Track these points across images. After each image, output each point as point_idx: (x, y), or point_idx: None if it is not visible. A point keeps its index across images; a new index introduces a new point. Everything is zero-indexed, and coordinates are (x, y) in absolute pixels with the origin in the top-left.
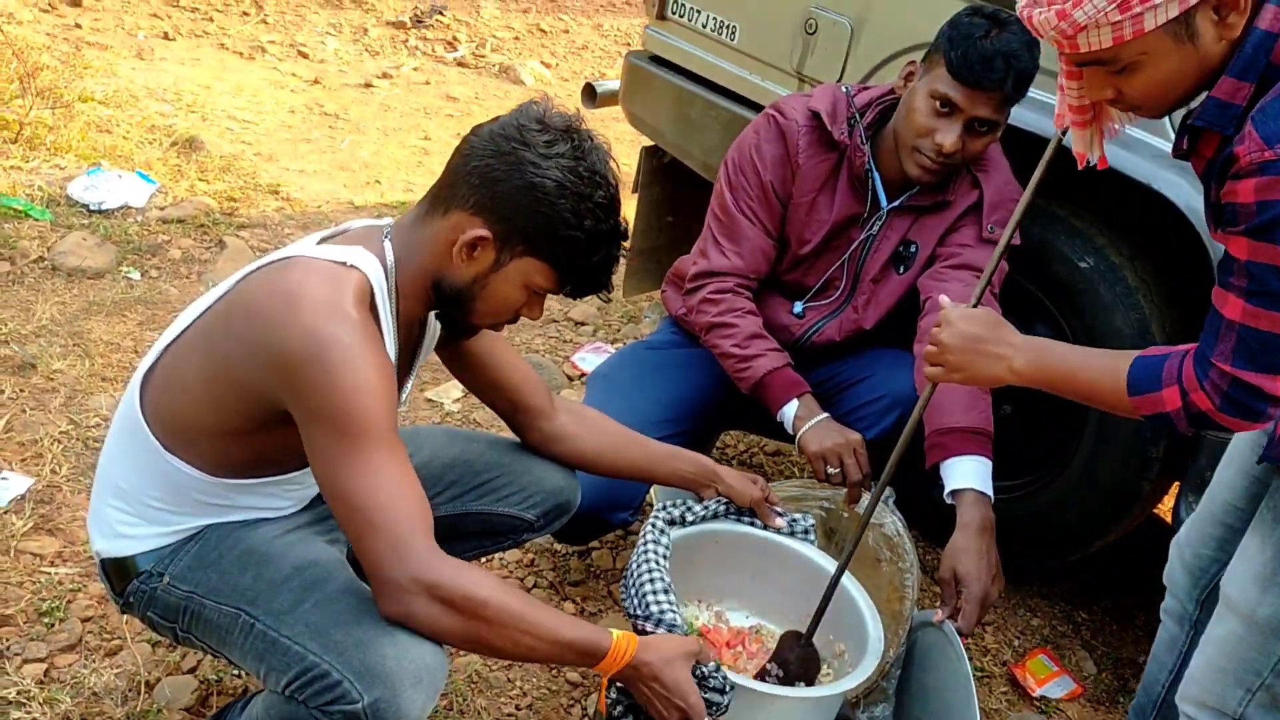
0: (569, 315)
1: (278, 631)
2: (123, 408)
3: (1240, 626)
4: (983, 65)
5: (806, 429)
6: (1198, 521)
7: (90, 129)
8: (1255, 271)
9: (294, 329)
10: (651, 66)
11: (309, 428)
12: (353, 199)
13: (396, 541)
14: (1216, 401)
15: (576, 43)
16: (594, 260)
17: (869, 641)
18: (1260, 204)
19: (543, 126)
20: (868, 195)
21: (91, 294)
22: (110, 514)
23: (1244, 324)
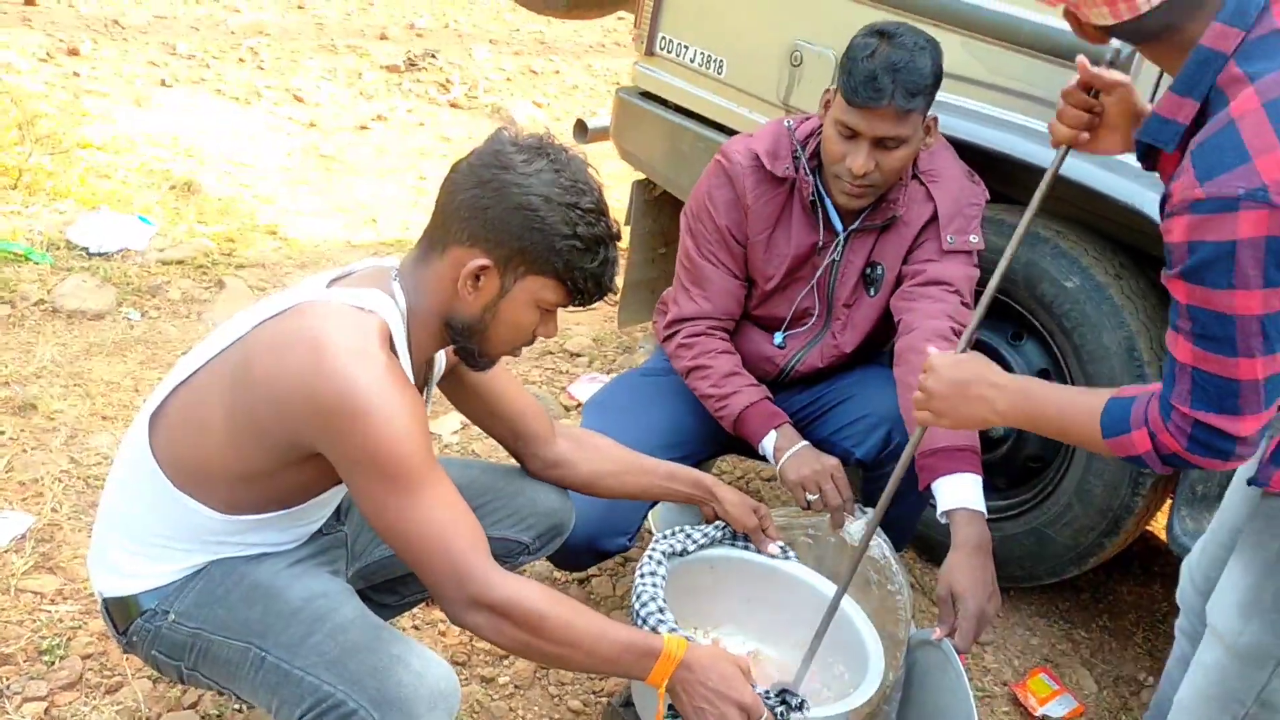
0: (564, 347)
1: (290, 664)
2: (129, 447)
3: (1224, 655)
4: (865, 85)
5: (785, 458)
6: (1207, 544)
7: (89, 174)
8: (1195, 314)
9: (323, 377)
10: (641, 102)
11: (353, 475)
12: (350, 238)
13: (455, 567)
14: (1183, 443)
15: (567, 83)
16: (594, 265)
17: (869, 661)
18: (1191, 244)
19: (517, 148)
20: (820, 223)
21: (92, 335)
22: (113, 553)
23: (1195, 367)
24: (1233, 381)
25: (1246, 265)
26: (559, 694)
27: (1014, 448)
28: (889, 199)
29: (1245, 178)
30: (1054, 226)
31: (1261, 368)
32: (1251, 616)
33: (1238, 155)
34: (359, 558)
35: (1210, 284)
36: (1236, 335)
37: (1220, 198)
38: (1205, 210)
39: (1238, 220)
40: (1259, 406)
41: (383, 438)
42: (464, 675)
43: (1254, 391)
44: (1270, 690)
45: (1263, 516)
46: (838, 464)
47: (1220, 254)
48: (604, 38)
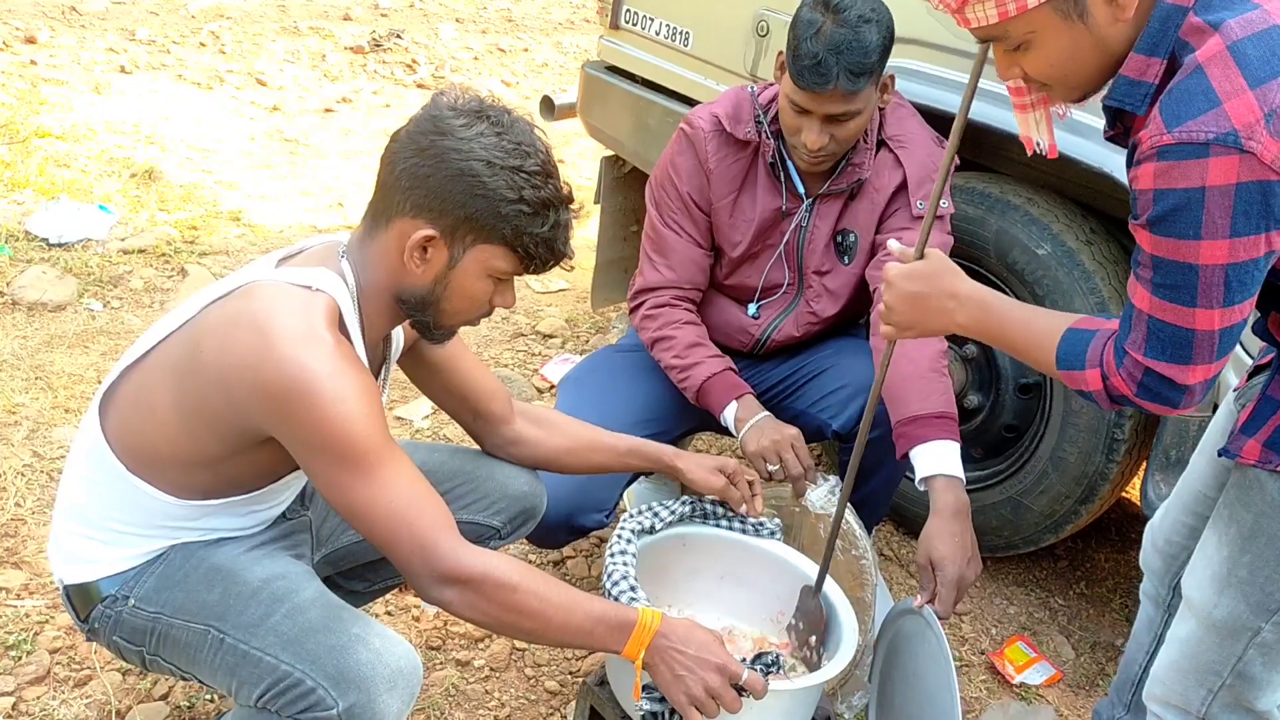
0: (537, 329)
1: (248, 644)
2: (83, 432)
3: (1199, 628)
4: (810, 70)
5: (746, 429)
6: (1171, 508)
7: (48, 164)
8: (1158, 264)
9: (270, 361)
10: (608, 76)
11: (308, 459)
12: (316, 222)
13: (424, 544)
14: (1133, 388)
15: (536, 60)
16: (544, 230)
17: (843, 630)
18: (1157, 192)
19: (455, 112)
20: (784, 188)
21: (53, 327)
22: (72, 539)
23: (1152, 315)
24: (1189, 332)
25: (1215, 213)
26: (535, 675)
27: (989, 417)
28: (853, 163)
29: (1215, 122)
30: (1024, 193)
31: (1219, 319)
32: (1226, 589)
33: (1207, 100)
34: (324, 544)
35: (1177, 234)
36: (1198, 285)
37: (1189, 143)
38: (1174, 156)
39: (1207, 166)
40: (1210, 358)
41: (334, 419)
42: (439, 660)
43: (1208, 342)
44: (1246, 661)
45: (1236, 488)
46: (797, 433)
47: (1188, 201)
48: (573, 14)
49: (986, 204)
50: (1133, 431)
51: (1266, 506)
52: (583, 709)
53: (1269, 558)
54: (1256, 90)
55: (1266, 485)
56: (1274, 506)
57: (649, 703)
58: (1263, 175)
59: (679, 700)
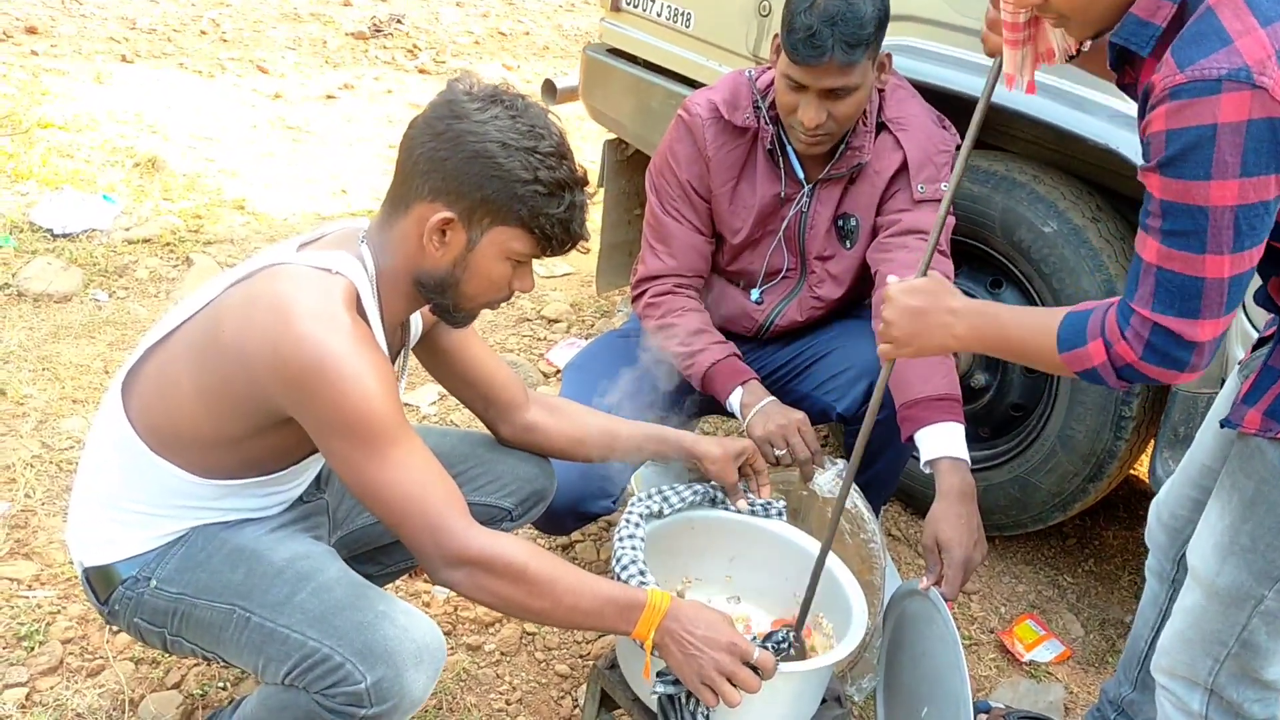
0: (542, 313)
1: (274, 622)
2: (104, 414)
3: (1204, 597)
4: (805, 43)
5: (752, 414)
6: (1176, 483)
7: (51, 154)
8: (1167, 209)
9: (290, 340)
10: (609, 59)
11: (324, 437)
12: (320, 210)
13: (435, 524)
14: (1139, 351)
15: (538, 44)
16: (560, 210)
17: (852, 613)
18: (1169, 133)
19: (471, 97)
20: (783, 173)
21: (59, 318)
22: (92, 522)
23: (1160, 266)
24: (1198, 280)
25: (1225, 151)
26: (546, 659)
27: (996, 396)
28: (852, 146)
29: (1227, 59)
30: (1030, 171)
31: (1229, 265)
32: (1229, 557)
33: (1218, 39)
34: (340, 525)
35: (1188, 175)
36: (1208, 229)
37: (1201, 80)
38: (1186, 95)
39: (1219, 103)
40: (1219, 309)
41: (351, 397)
42: (450, 644)
43: (1218, 292)
44: (1251, 630)
45: (1238, 458)
46: (803, 417)
47: (1200, 139)
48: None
49: (992, 182)
50: (1141, 409)
51: (1268, 474)
52: (594, 692)
53: (1270, 525)
54: (1267, 28)
55: (1268, 453)
56: (1275, 474)
57: (662, 685)
58: (1274, 111)
59: (691, 680)
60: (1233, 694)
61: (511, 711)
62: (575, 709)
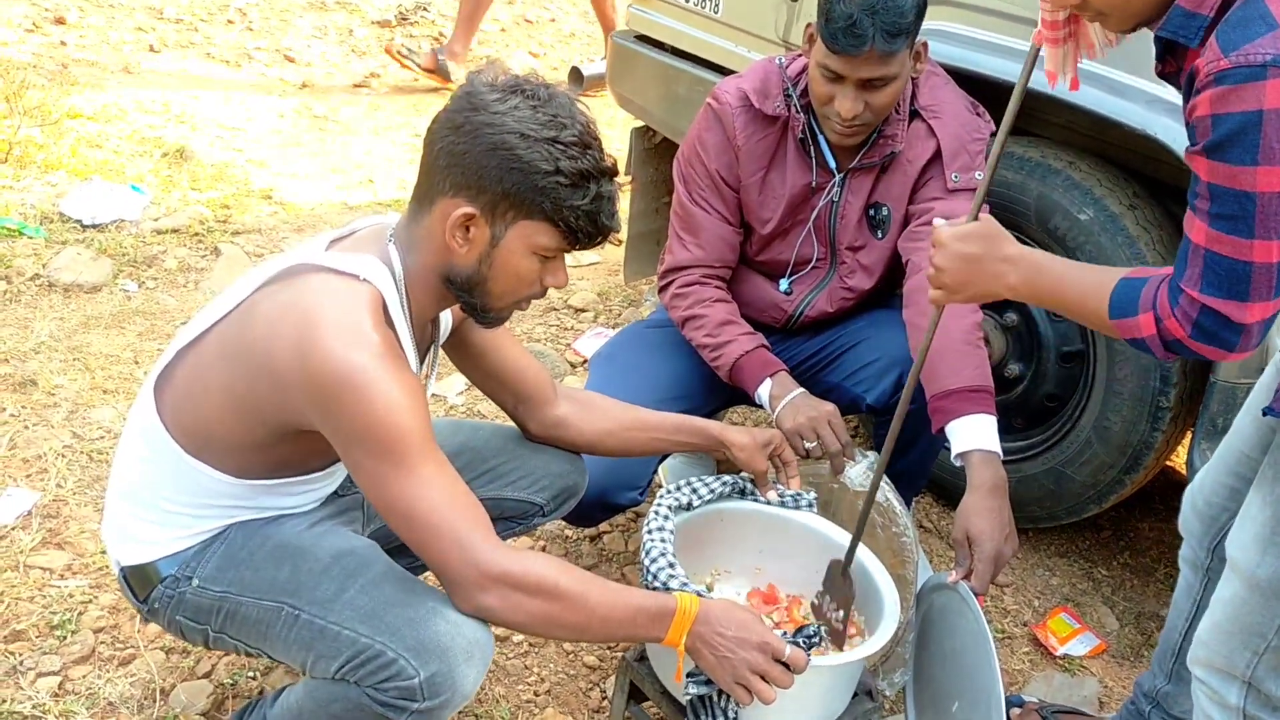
0: (569, 303)
1: (325, 619)
2: (137, 414)
3: (1243, 588)
4: (845, 32)
5: (781, 406)
6: (1212, 470)
7: (80, 145)
8: (1215, 193)
9: (318, 356)
10: (637, 46)
11: (350, 451)
12: (346, 200)
13: (461, 543)
14: (1187, 329)
15: (564, 31)
16: (585, 202)
17: (884, 606)
18: (1215, 117)
19: (491, 88)
20: (814, 162)
21: (89, 308)
22: (128, 521)
23: (1208, 249)
24: (1246, 264)
25: (1272, 137)
26: (574, 650)
27: (1031, 387)
28: (885, 135)
29: (1273, 44)
30: (1065, 157)
31: (1278, 250)
32: (1270, 548)
33: (1265, 24)
34: (373, 519)
35: (1234, 159)
36: (1256, 214)
37: (1247, 65)
38: (1232, 80)
39: (1265, 89)
40: (1269, 293)
41: (378, 412)
42: None
43: (1266, 276)
44: None
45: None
46: (834, 409)
47: (1246, 125)
48: None
49: (1027, 169)
50: (1178, 399)
51: None
52: (622, 684)
53: None
54: None
55: None
56: None
57: (694, 686)
58: None
59: (725, 682)
60: (1271, 687)
61: (540, 703)
62: (604, 700)
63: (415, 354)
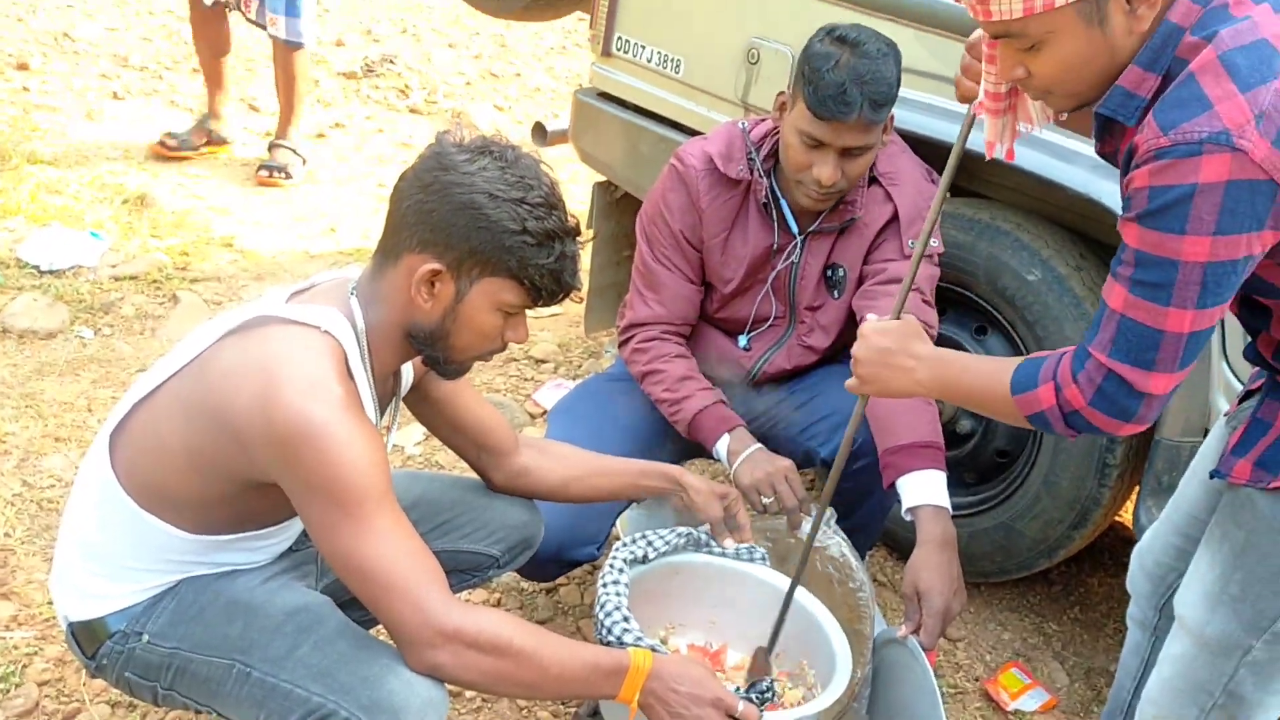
0: (529, 354)
1: (276, 677)
2: (90, 467)
3: (1192, 646)
4: (834, 99)
5: (739, 462)
6: (1160, 530)
7: (40, 190)
8: (1140, 259)
9: (277, 409)
10: (599, 103)
11: (306, 504)
12: (308, 248)
13: (415, 600)
14: (1089, 395)
15: (529, 85)
16: (550, 261)
17: (836, 660)
18: (1152, 189)
19: (459, 149)
20: (776, 225)
21: (43, 355)
22: (77, 575)
23: (1124, 314)
24: (1158, 332)
25: (1203, 209)
26: (527, 706)
27: (981, 442)
28: (846, 200)
29: (1208, 123)
30: (1014, 219)
31: (1190, 321)
32: (1218, 606)
33: (1200, 104)
34: (327, 573)
35: (1164, 228)
36: (1176, 282)
37: (1184, 143)
38: (1170, 156)
39: (1200, 164)
40: (1174, 365)
41: (336, 464)
42: None
43: (1175, 346)
44: (1237, 681)
45: (1228, 508)
46: (791, 465)
47: (1180, 197)
48: (565, 39)
49: (976, 229)
50: (1124, 457)
51: (1258, 524)
52: None
53: (1260, 574)
54: (1246, 94)
55: (1258, 503)
56: (1266, 524)
57: None
58: (1253, 174)
59: None
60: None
61: None
62: None
63: (375, 407)
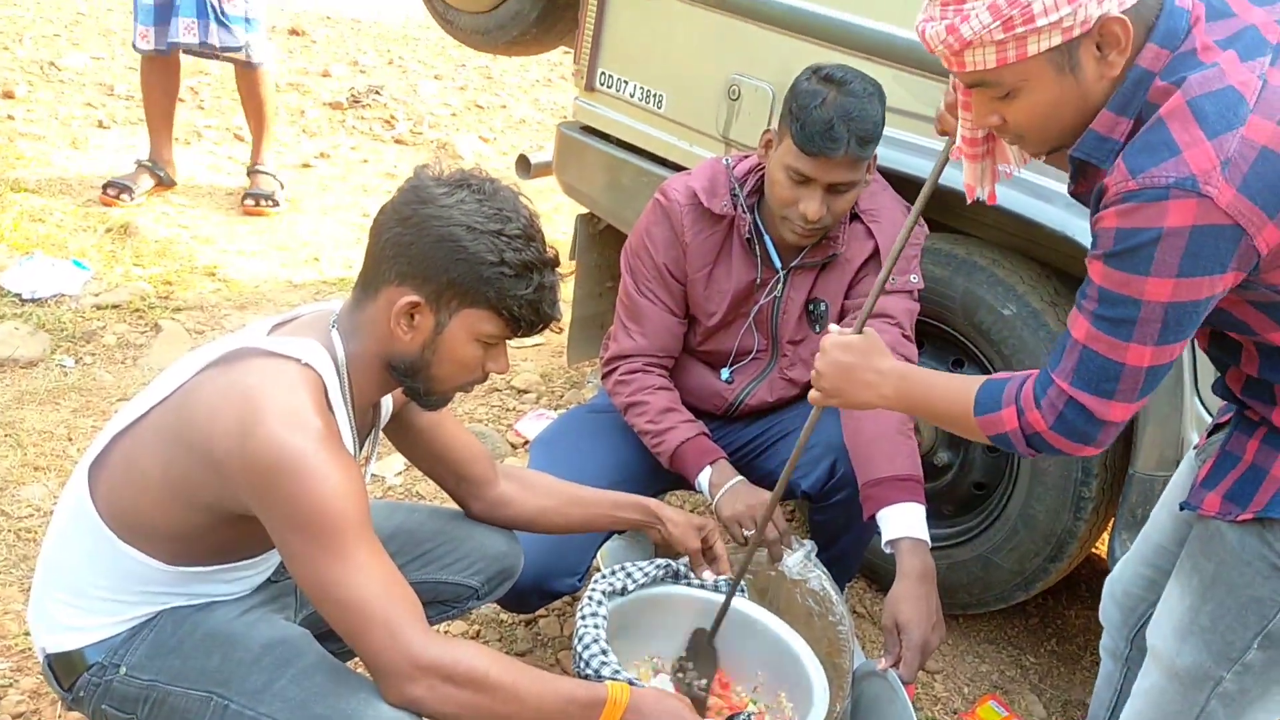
0: (511, 384)
1: (254, 710)
2: (69, 499)
3: (1163, 678)
4: (822, 135)
5: (721, 494)
6: (1130, 561)
7: (23, 218)
8: (1104, 296)
9: (257, 441)
10: (583, 136)
11: (284, 536)
12: (291, 278)
13: (391, 633)
14: (1050, 420)
15: (514, 117)
16: (528, 292)
17: (813, 692)
18: (1119, 230)
19: (438, 182)
20: (759, 260)
21: (24, 383)
22: (55, 607)
23: (1086, 345)
24: (1119, 365)
25: (1167, 252)
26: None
27: (959, 475)
28: (829, 236)
29: (1175, 169)
30: (990, 255)
31: (1150, 356)
32: (1188, 637)
33: (1168, 150)
34: (305, 605)
35: (1129, 268)
36: (1138, 320)
37: (1152, 187)
38: (1138, 200)
39: (1167, 209)
40: (1133, 396)
41: (315, 496)
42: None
43: (1134, 379)
44: (1209, 713)
45: (1198, 539)
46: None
47: (1145, 240)
48: (550, 72)
49: (953, 265)
50: (1099, 490)
51: (1228, 555)
52: None
53: (1230, 606)
54: (1213, 140)
55: (1227, 536)
56: (1234, 556)
57: None
58: (1218, 219)
59: None
60: None
61: None
62: None
63: (354, 439)
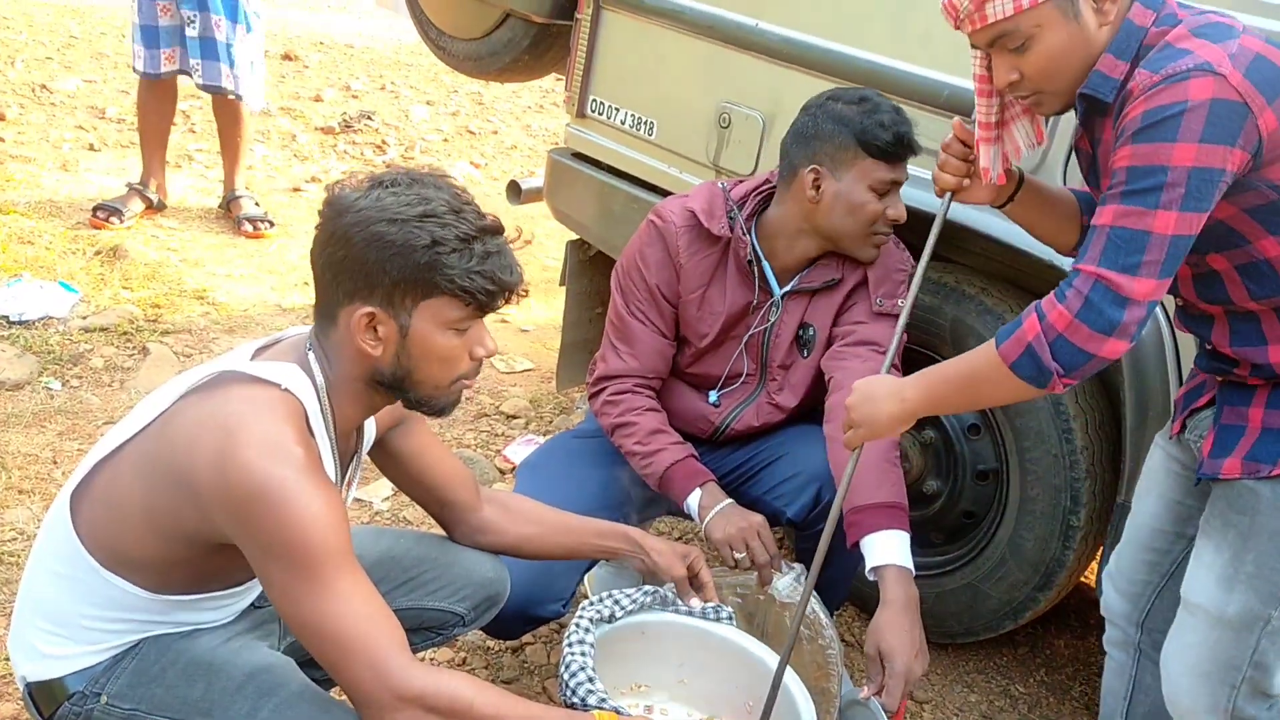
0: (500, 409)
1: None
2: (51, 525)
3: (1212, 629)
4: (896, 141)
5: (710, 517)
6: (1126, 552)
7: (12, 241)
8: (1132, 174)
9: (236, 469)
10: (573, 163)
11: (264, 565)
12: (280, 302)
13: (373, 663)
14: (1076, 307)
15: (505, 143)
16: (471, 263)
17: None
18: (1146, 111)
19: (353, 190)
20: (756, 283)
21: (10, 406)
22: (36, 635)
23: (1114, 225)
24: (1145, 235)
25: (1192, 120)
26: None
27: (947, 503)
28: (826, 262)
29: (1193, 59)
30: (979, 283)
31: (1175, 223)
32: (1235, 585)
33: (1182, 53)
34: (289, 633)
35: (1158, 139)
36: (1164, 185)
37: (1173, 74)
38: (1161, 84)
39: (1188, 86)
40: (1156, 270)
41: (295, 525)
42: None
43: (1159, 248)
44: (1261, 651)
45: (1222, 500)
46: (763, 521)
47: (1173, 114)
48: (542, 98)
49: (943, 294)
50: (1088, 519)
51: (1263, 506)
52: None
53: (1270, 550)
54: (1218, 44)
55: (1259, 490)
56: (1270, 505)
57: None
58: (1231, 95)
59: None
60: (1250, 711)
61: None
62: None
63: (336, 464)
